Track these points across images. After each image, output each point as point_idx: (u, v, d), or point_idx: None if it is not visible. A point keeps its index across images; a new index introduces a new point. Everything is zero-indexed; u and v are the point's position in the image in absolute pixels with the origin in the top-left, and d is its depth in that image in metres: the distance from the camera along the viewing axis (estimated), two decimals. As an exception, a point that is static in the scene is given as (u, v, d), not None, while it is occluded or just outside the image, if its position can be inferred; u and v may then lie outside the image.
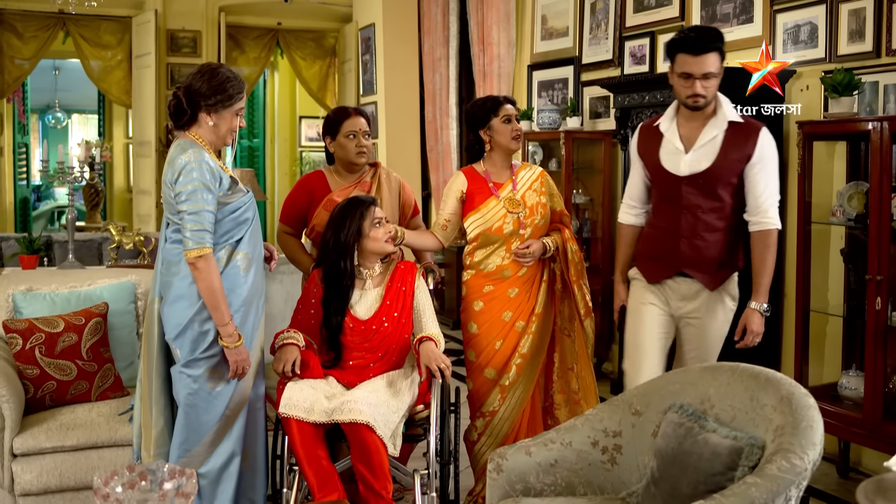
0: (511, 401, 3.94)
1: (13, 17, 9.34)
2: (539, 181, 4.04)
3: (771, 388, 2.67)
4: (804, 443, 2.43)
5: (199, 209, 3.16)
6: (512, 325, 3.94)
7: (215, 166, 3.25)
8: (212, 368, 3.26)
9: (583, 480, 2.95)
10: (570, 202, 6.46)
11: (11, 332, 3.60)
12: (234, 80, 3.32)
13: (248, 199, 3.35)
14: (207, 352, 3.25)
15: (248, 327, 3.35)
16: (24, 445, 3.42)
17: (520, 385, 3.94)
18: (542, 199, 4.00)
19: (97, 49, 9.66)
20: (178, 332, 3.25)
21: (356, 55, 9.99)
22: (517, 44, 7.69)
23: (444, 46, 8.78)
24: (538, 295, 3.98)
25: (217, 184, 3.22)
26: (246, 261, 3.33)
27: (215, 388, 3.28)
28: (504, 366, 3.94)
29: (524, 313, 3.95)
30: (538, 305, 3.97)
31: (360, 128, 4.13)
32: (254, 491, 3.47)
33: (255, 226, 3.40)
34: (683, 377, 2.98)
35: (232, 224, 3.29)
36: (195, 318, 3.23)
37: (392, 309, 3.67)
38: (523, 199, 3.97)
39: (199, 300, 3.22)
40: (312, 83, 10.81)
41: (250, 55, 10.41)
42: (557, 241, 3.97)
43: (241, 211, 3.31)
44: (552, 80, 7.27)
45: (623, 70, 6.33)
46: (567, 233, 4.01)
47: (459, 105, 8.81)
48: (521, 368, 3.95)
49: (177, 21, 9.69)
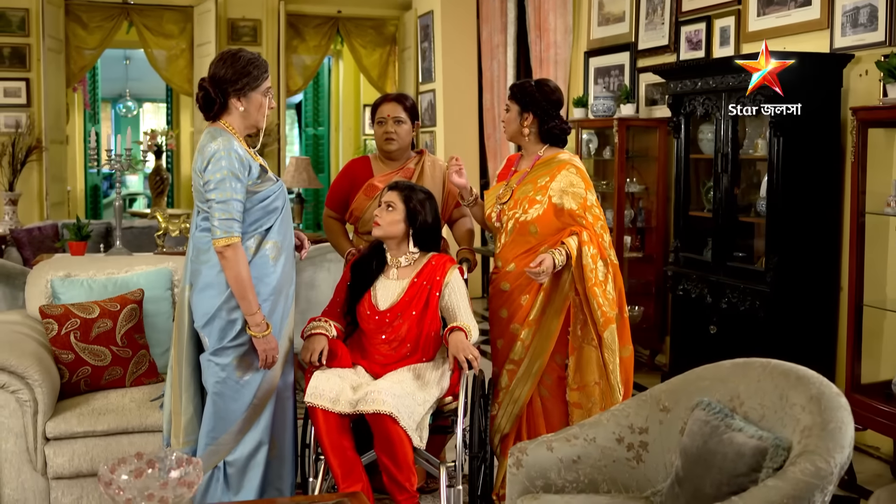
0: (506, 407, 3.81)
1: (79, 8, 9.51)
2: (549, 175, 3.78)
3: (801, 387, 2.54)
4: (831, 445, 2.31)
5: (228, 198, 3.15)
6: (508, 326, 3.81)
7: (244, 154, 3.24)
8: (240, 357, 3.25)
9: (606, 478, 2.86)
10: (624, 191, 6.33)
11: (48, 318, 3.65)
12: (256, 61, 3.31)
13: (277, 188, 3.33)
14: (235, 340, 3.24)
15: (277, 316, 3.33)
16: (57, 429, 3.46)
17: (515, 390, 3.80)
18: (539, 194, 3.74)
19: (160, 38, 9.78)
20: (206, 321, 3.24)
21: (415, 43, 9.95)
22: (574, 30, 7.56)
23: (502, 33, 8.68)
24: (535, 301, 3.73)
25: (246, 172, 3.21)
26: (275, 250, 3.31)
27: (243, 377, 3.27)
28: (501, 368, 3.83)
29: (518, 316, 3.77)
30: (533, 312, 3.74)
31: (388, 114, 4.11)
32: (281, 480, 3.45)
33: (286, 214, 3.38)
34: (714, 373, 2.87)
35: (261, 213, 3.28)
36: (223, 306, 3.22)
37: (411, 307, 3.58)
38: (516, 190, 3.81)
39: (227, 289, 3.21)
40: (372, 71, 10.80)
41: (310, 43, 10.43)
42: (571, 247, 3.65)
43: (271, 200, 3.29)
44: (608, 67, 7.12)
45: (679, 56, 6.16)
46: (585, 235, 3.67)
47: (517, 93, 8.68)
48: (513, 376, 3.79)
49: (237, 10, 9.76)
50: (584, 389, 3.75)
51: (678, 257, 5.56)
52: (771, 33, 5.28)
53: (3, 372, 3.37)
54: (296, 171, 8.47)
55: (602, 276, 3.72)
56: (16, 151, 8.72)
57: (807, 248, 4.79)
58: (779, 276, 4.73)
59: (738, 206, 5.13)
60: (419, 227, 3.63)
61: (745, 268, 5.02)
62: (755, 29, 5.45)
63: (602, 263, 3.71)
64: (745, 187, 5.22)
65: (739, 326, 4.95)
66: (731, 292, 5.01)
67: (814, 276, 4.81)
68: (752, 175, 5.24)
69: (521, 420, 3.86)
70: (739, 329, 4.96)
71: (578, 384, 3.79)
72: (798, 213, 4.75)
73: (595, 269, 3.67)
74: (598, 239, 3.72)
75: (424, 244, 3.69)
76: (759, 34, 5.37)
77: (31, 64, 8.98)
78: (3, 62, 8.95)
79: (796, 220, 4.75)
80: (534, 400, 3.85)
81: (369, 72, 10.81)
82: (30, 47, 8.96)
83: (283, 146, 9.95)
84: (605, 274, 3.74)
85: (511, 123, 3.89)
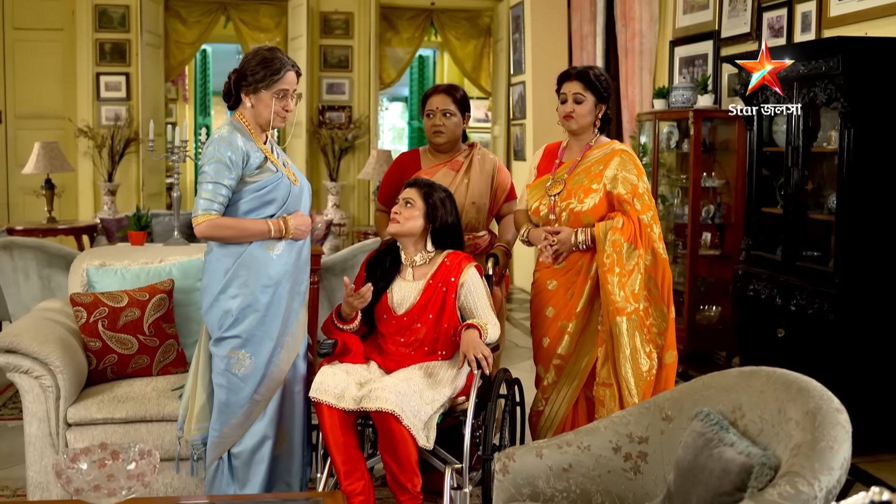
0: (554, 405, 3.67)
1: (178, 4, 9.78)
2: (603, 163, 3.63)
3: (800, 400, 2.32)
4: (818, 466, 2.09)
5: (216, 181, 3.22)
6: (554, 322, 3.65)
7: (243, 145, 3.26)
8: (236, 349, 3.27)
9: (600, 488, 2.70)
10: (700, 185, 6.05)
11: (77, 306, 3.72)
12: (270, 62, 3.29)
13: (275, 180, 3.30)
14: (230, 331, 3.27)
15: (280, 308, 3.32)
16: (77, 415, 3.52)
17: (562, 387, 3.66)
18: (595, 183, 3.60)
19: (256, 32, 9.95)
20: (206, 309, 3.32)
21: (507, 34, 9.81)
22: (660, 18, 7.27)
23: (591, 23, 8.44)
24: (583, 291, 3.59)
25: (240, 162, 3.24)
26: (274, 241, 3.32)
27: (240, 371, 3.28)
28: (547, 364, 3.69)
29: (566, 311, 3.62)
30: (581, 303, 3.60)
31: (437, 106, 4.03)
32: (290, 474, 3.43)
33: (291, 207, 3.37)
34: (720, 381, 2.66)
35: (257, 202, 3.28)
36: (220, 296, 3.27)
37: (427, 310, 3.49)
38: (568, 181, 3.64)
39: (223, 278, 3.26)
40: (466, 63, 10.72)
41: (403, 36, 10.42)
42: (599, 230, 3.51)
43: (267, 190, 3.29)
44: (693, 56, 6.83)
45: (761, 43, 5.83)
46: (620, 220, 3.52)
47: (605, 84, 8.44)
48: (561, 371, 3.65)
49: (330, 3, 9.83)
50: (610, 387, 3.57)
51: (749, 255, 5.27)
52: (852, 18, 4.94)
53: (26, 358, 3.45)
54: (376, 163, 8.48)
55: (627, 263, 3.50)
56: (114, 143, 9.04)
57: (880, 248, 4.44)
58: (848, 278, 4.41)
59: (810, 203, 4.82)
60: (440, 225, 3.53)
61: (814, 268, 4.71)
62: (836, 13, 5.11)
63: (630, 252, 3.50)
64: (817, 183, 4.90)
65: (807, 330, 4.65)
66: (799, 294, 4.71)
67: (887, 279, 4.46)
68: (824, 170, 4.91)
69: (568, 419, 3.72)
70: (807, 333, 4.65)
71: (605, 379, 3.56)
72: (871, 210, 4.42)
73: (612, 256, 3.48)
74: (636, 228, 3.53)
75: (443, 243, 3.58)
76: (841, 19, 5.04)
77: (131, 59, 9.29)
78: (105, 57, 9.29)
79: (869, 217, 4.42)
80: (580, 400, 3.70)
81: (463, 64, 10.74)
82: (130, 43, 9.27)
83: (374, 139, 9.97)
84: (634, 265, 3.52)
85: (587, 115, 3.68)
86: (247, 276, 3.26)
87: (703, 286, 6.22)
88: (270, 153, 3.36)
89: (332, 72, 9.92)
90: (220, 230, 3.23)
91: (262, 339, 3.29)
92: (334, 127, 9.70)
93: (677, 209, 6.37)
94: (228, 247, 3.28)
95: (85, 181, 9.32)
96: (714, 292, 6.18)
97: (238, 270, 3.26)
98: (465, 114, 4.07)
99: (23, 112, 9.31)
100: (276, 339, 3.31)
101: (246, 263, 3.26)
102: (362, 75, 9.95)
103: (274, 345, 3.31)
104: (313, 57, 9.71)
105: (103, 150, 9.05)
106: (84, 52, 9.22)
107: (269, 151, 3.36)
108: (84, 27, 9.18)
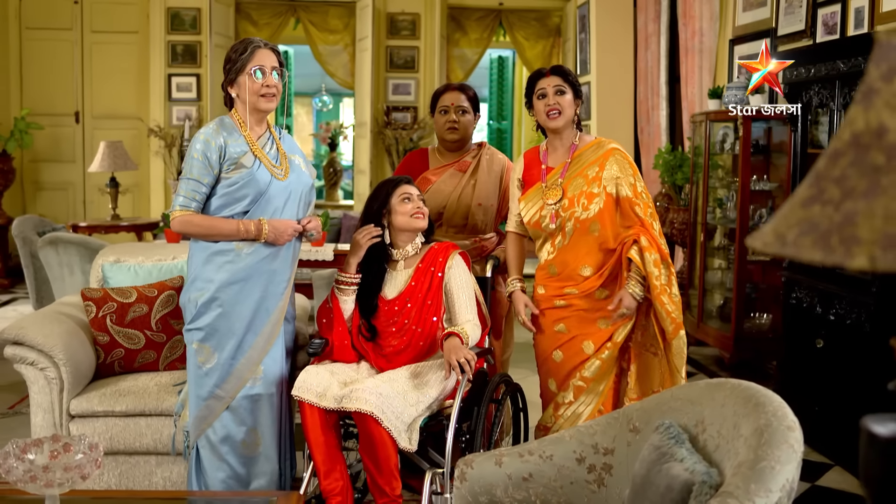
0: (567, 421, 3.55)
1: (249, 6, 9.96)
2: (597, 164, 3.50)
3: (753, 416, 2.20)
4: (754, 488, 1.97)
5: (194, 178, 3.28)
6: (572, 340, 3.53)
7: (222, 140, 3.29)
8: (200, 342, 3.34)
9: (562, 500, 2.61)
10: (749, 188, 5.83)
11: (87, 300, 3.80)
12: (238, 46, 3.36)
13: (247, 176, 3.29)
14: (194, 323, 3.35)
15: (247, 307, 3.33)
16: (80, 407, 3.60)
17: (580, 406, 3.54)
18: (595, 187, 3.47)
19: (325, 34, 10.06)
20: (182, 300, 3.42)
21: (574, 34, 9.67)
22: (720, 16, 7.05)
23: (656, 21, 8.26)
24: (625, 325, 3.49)
25: (215, 157, 3.27)
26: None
27: (205, 364, 3.34)
28: (563, 382, 3.57)
29: (596, 337, 3.50)
30: (619, 334, 3.48)
31: (452, 102, 4.00)
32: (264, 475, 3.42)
33: (264, 207, 3.34)
34: (688, 392, 2.54)
35: (228, 198, 3.32)
36: (190, 286, 3.37)
37: (417, 290, 3.47)
38: (566, 187, 3.51)
39: (194, 269, 3.36)
40: (535, 64, 10.59)
41: (471, 36, 10.38)
42: (637, 262, 3.39)
43: (238, 187, 3.30)
44: (752, 55, 6.58)
45: (815, 41, 5.60)
46: (644, 240, 3.41)
47: (670, 84, 8.25)
48: (581, 392, 3.54)
49: (397, 4, 9.87)
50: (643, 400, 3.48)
51: (792, 262, 5.05)
52: (905, 13, 4.69)
53: (32, 349, 3.55)
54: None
55: (665, 279, 3.45)
56: (184, 143, 9.25)
57: (921, 256, 4.20)
58: (886, 287, 4.18)
59: (851, 207, 4.58)
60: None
61: (851, 276, 4.47)
62: (889, 9, 4.85)
63: (664, 266, 3.43)
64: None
65: (845, 341, 4.43)
66: (838, 303, 4.49)
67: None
68: (867, 172, 4.66)
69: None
70: (845, 344, 4.43)
71: (638, 394, 3.53)
72: (912, 216, 4.17)
73: (660, 276, 3.41)
74: (652, 235, 3.45)
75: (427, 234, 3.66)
76: (893, 14, 4.78)
77: (201, 60, 9.50)
78: (177, 59, 9.53)
79: (909, 223, 4.17)
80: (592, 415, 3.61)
81: (531, 64, 10.63)
82: (200, 44, 9.48)
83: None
84: (668, 276, 3.45)
85: (569, 108, 3.57)
86: (213, 272, 3.29)
87: (755, 292, 6.00)
88: (258, 146, 3.34)
89: (398, 72, 9.96)
90: (192, 227, 3.29)
91: (226, 335, 3.31)
92: (399, 127, 9.73)
93: (730, 212, 6.16)
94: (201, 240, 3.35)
95: (157, 180, 9.58)
96: (764, 299, 5.96)
97: (206, 264, 3.31)
98: (476, 112, 4.03)
99: (99, 112, 9.62)
100: (240, 337, 3.32)
101: (213, 259, 3.30)
102: (428, 76, 9.96)
103: (237, 343, 3.32)
104: (379, 58, 9.77)
105: (173, 150, 9.28)
106: (157, 53, 9.49)
107: (258, 144, 3.35)
108: (157, 29, 9.44)
